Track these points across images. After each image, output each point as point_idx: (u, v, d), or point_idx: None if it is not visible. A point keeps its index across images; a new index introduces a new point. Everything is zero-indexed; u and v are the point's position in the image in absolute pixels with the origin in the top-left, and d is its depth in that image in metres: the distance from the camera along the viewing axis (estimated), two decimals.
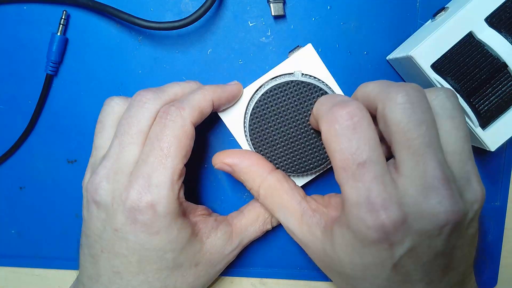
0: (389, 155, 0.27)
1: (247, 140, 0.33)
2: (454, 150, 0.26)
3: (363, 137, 0.24)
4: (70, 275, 0.41)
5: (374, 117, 0.26)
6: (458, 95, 0.30)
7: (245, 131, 0.33)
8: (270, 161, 0.32)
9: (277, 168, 0.32)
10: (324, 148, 0.32)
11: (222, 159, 0.32)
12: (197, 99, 0.30)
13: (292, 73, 0.33)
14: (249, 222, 0.34)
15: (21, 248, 0.41)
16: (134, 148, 0.29)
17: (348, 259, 0.26)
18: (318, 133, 0.32)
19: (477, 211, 0.27)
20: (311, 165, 0.32)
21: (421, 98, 0.25)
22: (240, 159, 0.31)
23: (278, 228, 0.37)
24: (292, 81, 0.31)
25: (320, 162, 0.32)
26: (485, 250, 0.39)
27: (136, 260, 0.30)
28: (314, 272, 0.39)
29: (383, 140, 0.27)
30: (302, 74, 0.33)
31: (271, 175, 0.31)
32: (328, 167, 0.34)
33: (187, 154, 0.30)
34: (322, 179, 0.38)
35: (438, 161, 0.25)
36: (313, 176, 0.35)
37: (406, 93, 0.25)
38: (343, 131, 0.25)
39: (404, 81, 0.37)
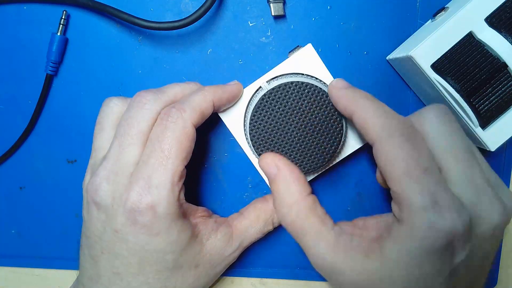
0: None
1: (247, 140, 0.33)
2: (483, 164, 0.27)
3: (422, 146, 0.25)
4: (70, 275, 0.41)
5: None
6: (458, 95, 0.30)
7: (245, 131, 0.33)
8: None
9: None
10: (324, 148, 0.32)
11: (274, 160, 0.30)
12: (198, 100, 0.30)
13: (292, 73, 0.33)
14: (249, 224, 0.34)
15: (21, 248, 0.41)
16: (134, 149, 0.29)
17: (403, 273, 0.25)
18: (318, 133, 0.32)
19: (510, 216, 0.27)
20: (311, 165, 0.32)
21: (450, 115, 0.27)
22: (289, 167, 0.30)
23: (278, 228, 0.36)
24: (292, 81, 0.31)
25: (320, 162, 0.32)
26: None
27: (136, 261, 0.30)
28: (314, 272, 0.39)
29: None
30: (302, 74, 0.33)
31: (309, 196, 0.29)
32: (328, 167, 0.34)
33: (188, 155, 0.30)
34: (322, 179, 0.38)
35: (480, 166, 0.26)
36: (314, 176, 0.35)
37: (438, 111, 0.27)
38: (404, 142, 0.25)
39: (404, 82, 0.37)
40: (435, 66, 0.30)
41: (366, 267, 0.26)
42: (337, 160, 0.34)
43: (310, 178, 0.35)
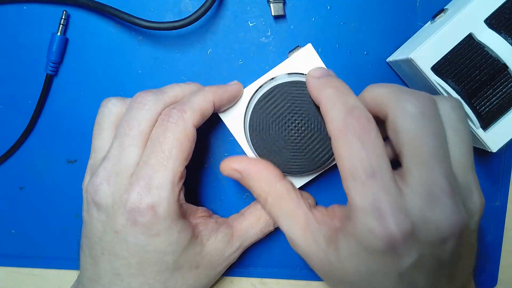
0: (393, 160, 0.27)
1: (247, 140, 0.33)
2: (458, 161, 0.26)
3: (373, 146, 0.25)
4: (70, 275, 0.41)
5: (381, 122, 0.27)
6: (459, 98, 0.30)
7: (245, 131, 0.33)
8: (270, 161, 0.32)
9: (277, 168, 0.32)
10: (324, 148, 0.32)
11: (231, 165, 0.31)
12: (198, 101, 0.30)
13: (292, 73, 0.33)
14: (250, 225, 0.34)
15: (21, 248, 0.41)
16: (134, 150, 0.29)
17: (353, 268, 0.26)
18: (318, 133, 0.32)
19: (478, 221, 0.27)
20: (311, 165, 0.32)
21: (432, 109, 0.26)
22: (249, 165, 0.31)
23: (278, 228, 0.36)
24: (292, 81, 0.31)
25: (320, 162, 0.32)
26: (485, 250, 0.39)
27: (136, 262, 0.30)
28: (314, 272, 0.39)
29: (387, 145, 0.27)
30: (302, 74, 0.33)
31: (280, 183, 0.30)
32: (328, 167, 0.34)
33: (189, 156, 0.30)
34: (322, 179, 0.38)
35: (445, 171, 0.25)
36: (313, 176, 0.35)
37: (418, 103, 0.25)
38: (354, 141, 0.25)
39: (405, 84, 0.37)
40: (435, 68, 0.30)
41: (327, 255, 0.27)
42: None
43: (310, 178, 0.35)
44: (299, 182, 0.34)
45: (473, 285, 0.30)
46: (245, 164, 0.31)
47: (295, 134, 0.32)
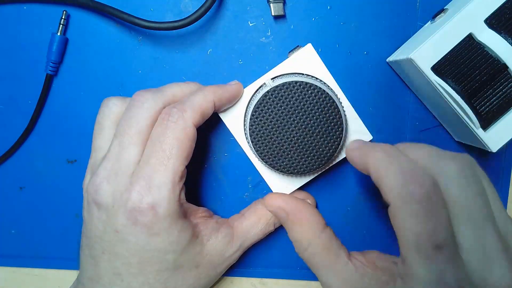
0: None
1: (247, 140, 0.33)
2: (498, 217, 0.25)
3: (439, 217, 0.23)
4: (70, 275, 0.41)
5: None
6: (459, 97, 0.30)
7: (245, 131, 0.33)
8: (270, 161, 0.32)
9: (278, 168, 0.32)
10: (324, 148, 0.32)
11: (277, 203, 0.30)
12: (198, 100, 0.30)
13: (292, 73, 0.33)
14: (250, 225, 0.34)
15: (21, 248, 0.41)
16: (134, 149, 0.29)
17: None
18: (318, 133, 0.32)
19: None
20: (311, 165, 0.32)
21: (474, 170, 0.25)
22: (297, 208, 0.30)
23: (278, 228, 0.37)
24: (292, 81, 0.31)
25: (320, 162, 0.32)
26: None
27: (136, 262, 0.30)
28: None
29: None
30: (302, 74, 0.33)
31: (324, 232, 0.29)
32: (328, 167, 0.34)
33: (189, 155, 0.30)
34: (322, 179, 0.38)
35: (496, 232, 0.24)
36: (313, 176, 0.35)
37: (460, 167, 0.24)
38: (419, 212, 0.23)
39: (404, 82, 0.37)
40: (436, 68, 0.30)
41: None
42: (337, 160, 0.34)
43: (310, 178, 0.35)
44: (299, 182, 0.34)
45: None
46: (293, 206, 0.30)
47: (295, 134, 0.32)
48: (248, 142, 0.33)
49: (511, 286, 0.23)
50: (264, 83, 0.33)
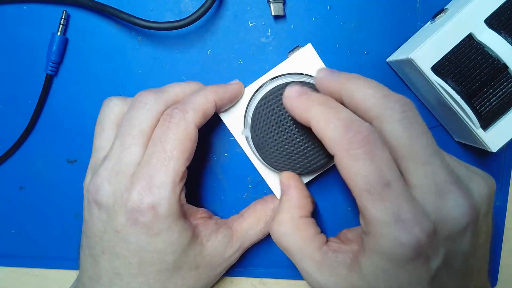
0: None
1: (247, 140, 0.33)
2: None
3: (381, 157, 0.24)
4: (70, 275, 0.41)
5: None
6: (459, 97, 0.30)
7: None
8: (270, 161, 0.32)
9: (278, 168, 0.32)
10: (324, 148, 0.32)
11: (291, 177, 0.32)
12: (199, 101, 0.30)
13: (292, 73, 0.32)
14: (249, 226, 0.34)
15: (21, 248, 0.41)
16: (135, 149, 0.29)
17: (383, 285, 0.25)
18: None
19: (488, 203, 0.27)
20: (311, 165, 0.32)
21: (415, 111, 0.26)
22: (297, 189, 0.31)
23: None
24: (292, 81, 0.31)
25: (320, 162, 0.32)
26: None
27: (136, 262, 0.30)
28: None
29: None
30: (302, 74, 0.33)
31: (301, 218, 0.30)
32: (328, 167, 0.34)
33: (190, 156, 0.30)
34: (322, 179, 0.38)
35: (444, 165, 0.25)
36: (313, 176, 0.35)
37: (403, 109, 0.25)
38: (362, 156, 0.24)
39: (404, 82, 0.37)
40: (436, 68, 0.30)
41: (349, 281, 0.27)
42: None
43: (310, 178, 0.35)
44: None
45: (487, 279, 0.30)
46: (295, 186, 0.32)
47: (295, 134, 0.32)
48: (248, 142, 0.33)
49: (464, 213, 0.25)
50: (264, 83, 0.33)
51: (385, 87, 0.27)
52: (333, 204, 0.39)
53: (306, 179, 0.34)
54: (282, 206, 0.31)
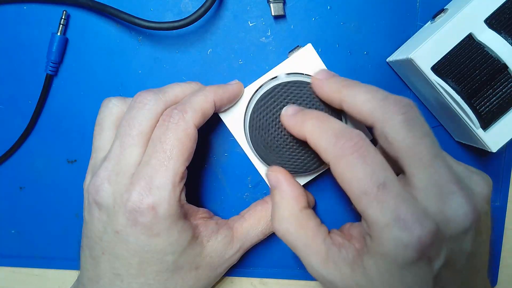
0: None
1: (247, 140, 0.33)
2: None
3: (374, 160, 0.25)
4: (70, 275, 0.41)
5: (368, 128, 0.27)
6: (459, 97, 0.30)
7: (245, 131, 0.33)
8: (270, 161, 0.32)
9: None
10: None
11: (277, 172, 0.32)
12: (199, 101, 0.30)
13: (292, 73, 0.32)
14: (250, 226, 0.34)
15: (21, 248, 0.41)
16: (135, 150, 0.29)
17: (387, 285, 0.25)
18: None
19: (487, 201, 0.28)
20: (311, 165, 0.32)
21: (416, 112, 0.26)
22: (289, 182, 0.31)
23: None
24: (292, 81, 0.31)
25: (320, 162, 0.32)
26: None
27: (136, 262, 0.30)
28: None
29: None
30: (302, 74, 0.33)
31: (302, 211, 0.30)
32: (328, 167, 0.34)
33: (190, 156, 0.30)
34: (322, 179, 0.38)
35: (446, 166, 0.25)
36: (313, 176, 0.35)
37: (403, 111, 0.26)
38: (354, 160, 0.25)
39: (404, 82, 0.37)
40: (436, 68, 0.30)
41: (353, 279, 0.27)
42: None
43: (310, 178, 0.35)
44: (299, 182, 0.34)
45: (487, 278, 0.30)
46: (285, 179, 0.31)
47: None
48: (248, 142, 0.33)
49: (467, 213, 0.25)
50: (264, 83, 0.33)
51: (383, 90, 0.27)
52: (333, 204, 0.39)
53: (306, 179, 0.34)
54: (276, 201, 0.31)
